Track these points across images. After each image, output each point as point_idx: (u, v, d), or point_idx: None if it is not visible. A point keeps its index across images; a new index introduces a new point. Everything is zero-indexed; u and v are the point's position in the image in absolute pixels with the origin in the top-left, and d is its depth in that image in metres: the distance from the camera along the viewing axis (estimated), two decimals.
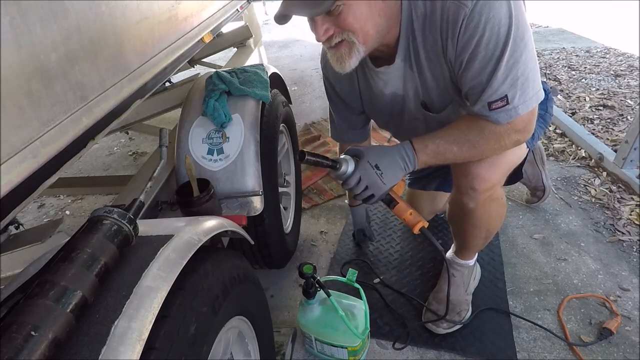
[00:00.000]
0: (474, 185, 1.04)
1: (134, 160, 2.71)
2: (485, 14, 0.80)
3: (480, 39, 0.82)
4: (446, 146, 0.93)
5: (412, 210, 1.03)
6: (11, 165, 0.59)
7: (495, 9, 0.79)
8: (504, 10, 0.79)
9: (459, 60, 0.87)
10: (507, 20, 0.80)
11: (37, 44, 0.66)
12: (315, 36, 0.87)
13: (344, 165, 0.96)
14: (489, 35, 0.81)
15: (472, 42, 0.83)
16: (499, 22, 0.80)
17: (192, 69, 2.45)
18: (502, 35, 0.81)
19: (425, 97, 1.02)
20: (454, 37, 0.85)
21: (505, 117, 0.88)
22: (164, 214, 1.15)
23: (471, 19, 0.81)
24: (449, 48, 0.87)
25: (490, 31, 0.81)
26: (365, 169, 0.95)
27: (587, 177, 1.93)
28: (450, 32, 0.85)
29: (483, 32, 0.81)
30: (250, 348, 0.92)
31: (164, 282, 0.59)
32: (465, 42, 0.84)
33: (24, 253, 0.92)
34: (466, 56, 0.85)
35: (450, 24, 0.84)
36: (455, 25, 0.83)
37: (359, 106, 1.20)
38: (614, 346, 1.20)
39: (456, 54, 0.87)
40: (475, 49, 0.83)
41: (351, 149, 1.00)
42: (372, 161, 0.95)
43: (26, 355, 0.43)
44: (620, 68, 3.13)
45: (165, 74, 1.13)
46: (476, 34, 0.82)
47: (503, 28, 0.80)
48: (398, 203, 1.02)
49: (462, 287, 1.31)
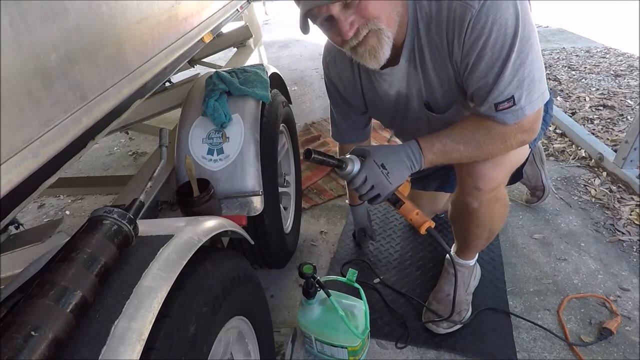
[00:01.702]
0: (478, 185, 1.04)
1: (134, 160, 2.71)
2: (492, 14, 0.80)
3: (487, 40, 0.82)
4: (453, 145, 0.93)
5: (418, 210, 1.01)
6: (11, 165, 0.59)
7: (502, 10, 0.79)
8: (510, 11, 0.79)
9: (465, 62, 0.87)
10: (513, 21, 0.79)
11: (37, 44, 0.66)
12: (341, 36, 0.85)
13: (350, 164, 0.95)
14: (495, 36, 0.81)
15: (478, 43, 0.83)
16: (506, 23, 0.80)
17: (192, 69, 2.45)
18: (508, 36, 0.80)
19: (428, 97, 1.01)
20: (461, 38, 0.84)
21: (512, 117, 0.88)
22: (164, 214, 1.15)
23: (478, 20, 0.81)
24: (455, 49, 0.87)
25: (497, 32, 0.80)
26: (371, 168, 0.93)
27: (587, 177, 1.93)
28: (457, 32, 0.84)
29: (490, 33, 0.81)
30: (250, 348, 0.92)
31: (164, 282, 0.59)
32: (471, 43, 0.83)
33: (24, 253, 0.92)
34: (473, 57, 0.85)
35: (456, 25, 0.84)
36: (461, 26, 0.83)
37: (361, 106, 1.20)
38: (614, 346, 1.20)
39: (462, 55, 0.86)
40: (482, 50, 0.83)
41: (357, 149, 0.99)
42: (378, 160, 0.93)
43: (26, 355, 0.43)
44: (620, 68, 3.13)
45: (165, 74, 1.13)
46: (483, 35, 0.81)
47: (510, 29, 0.80)
48: (404, 203, 1.01)
49: (462, 287, 1.31)
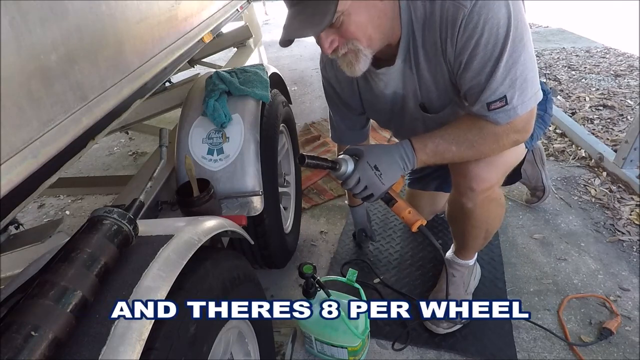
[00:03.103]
0: (472, 185, 1.04)
1: (134, 160, 2.71)
2: (484, 14, 0.80)
3: (479, 40, 0.82)
4: (445, 145, 0.94)
5: (410, 209, 1.03)
6: (11, 165, 0.59)
7: (494, 9, 0.79)
8: (503, 11, 0.79)
9: (458, 61, 0.87)
10: (505, 20, 0.80)
11: (37, 44, 0.66)
12: (322, 50, 0.88)
13: (344, 165, 0.96)
14: (487, 35, 0.81)
15: (470, 42, 0.83)
16: (498, 23, 0.80)
17: (192, 69, 2.45)
18: (501, 35, 0.81)
19: (424, 98, 1.02)
20: (453, 38, 0.85)
21: (504, 117, 0.88)
22: (164, 214, 1.15)
23: (470, 19, 0.81)
24: (448, 48, 0.87)
25: (489, 32, 0.81)
26: (364, 169, 0.95)
27: (587, 177, 1.93)
28: (450, 32, 0.85)
29: (482, 33, 0.81)
30: (250, 348, 0.92)
31: (164, 282, 0.59)
32: (464, 42, 0.84)
33: (24, 253, 0.92)
34: (465, 56, 0.85)
35: (449, 25, 0.84)
36: (454, 25, 0.83)
37: (359, 107, 1.20)
38: (614, 346, 1.19)
39: (455, 54, 0.87)
40: (474, 50, 0.83)
41: (351, 149, 1.00)
42: (371, 162, 0.95)
43: (26, 355, 0.43)
44: (620, 68, 3.13)
45: (165, 74, 1.14)
46: (475, 34, 0.82)
47: (502, 29, 0.80)
48: (397, 202, 1.02)
49: (462, 287, 1.31)
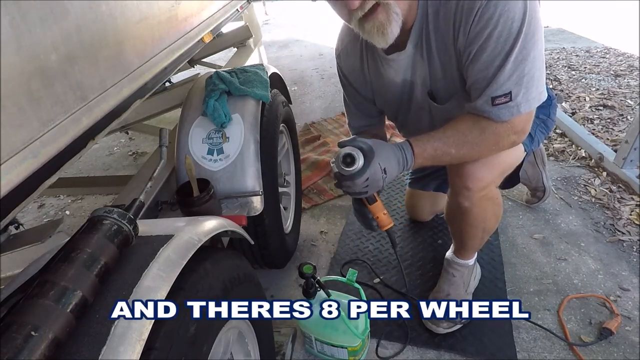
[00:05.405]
0: (467, 184, 1.05)
1: (134, 160, 2.71)
2: (500, 7, 0.80)
3: (492, 32, 0.82)
4: (444, 149, 0.94)
5: (386, 211, 1.07)
6: (11, 165, 0.59)
7: (510, 3, 0.80)
8: (519, 6, 0.80)
9: (468, 51, 0.87)
10: (520, 15, 0.80)
11: (37, 44, 0.66)
12: (347, 7, 0.83)
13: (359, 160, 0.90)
14: (501, 28, 0.81)
15: (483, 33, 0.83)
16: (513, 17, 0.80)
17: (192, 69, 2.45)
18: (514, 30, 0.81)
19: (433, 86, 1.02)
20: (467, 27, 0.85)
21: (507, 113, 0.88)
22: (164, 214, 1.15)
23: (486, 10, 0.81)
24: (460, 37, 0.87)
25: (503, 25, 0.81)
26: (375, 172, 0.91)
27: (587, 177, 1.93)
28: (464, 20, 0.85)
29: (496, 25, 0.81)
30: (250, 348, 0.92)
31: (164, 282, 0.59)
32: (477, 32, 0.84)
33: (24, 253, 0.92)
34: (475, 47, 0.85)
35: (464, 13, 0.84)
36: (469, 14, 0.83)
37: (371, 96, 1.20)
38: (614, 346, 1.19)
39: (466, 43, 0.87)
40: (485, 41, 0.84)
41: (360, 142, 0.92)
42: (382, 164, 0.91)
43: (26, 355, 0.43)
44: (620, 68, 3.12)
45: (165, 74, 1.13)
46: (489, 26, 0.82)
47: (516, 23, 0.81)
48: (377, 201, 1.04)
49: (462, 287, 1.31)
